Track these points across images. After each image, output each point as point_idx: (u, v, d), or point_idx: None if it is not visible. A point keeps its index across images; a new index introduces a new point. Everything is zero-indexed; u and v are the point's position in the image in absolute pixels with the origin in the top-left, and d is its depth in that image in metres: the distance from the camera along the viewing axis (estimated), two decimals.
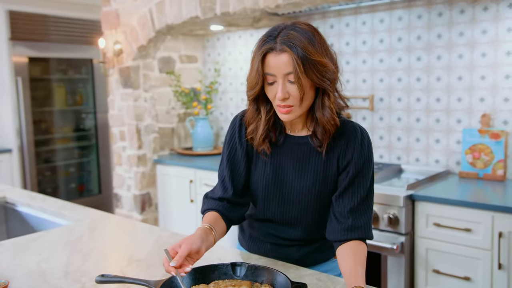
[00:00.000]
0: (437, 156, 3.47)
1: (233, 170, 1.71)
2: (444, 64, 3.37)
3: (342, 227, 1.57)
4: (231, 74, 4.80)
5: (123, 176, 4.72)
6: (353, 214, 1.58)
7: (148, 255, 1.86)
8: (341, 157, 1.61)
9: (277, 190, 1.67)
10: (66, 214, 2.50)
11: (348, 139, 1.61)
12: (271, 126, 1.66)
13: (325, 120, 1.55)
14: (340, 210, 1.60)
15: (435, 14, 3.38)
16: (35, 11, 5.64)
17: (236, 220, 1.72)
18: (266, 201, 1.69)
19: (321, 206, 1.66)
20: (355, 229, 1.57)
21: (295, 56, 1.46)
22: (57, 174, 6.20)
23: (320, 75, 1.49)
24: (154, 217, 4.69)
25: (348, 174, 1.61)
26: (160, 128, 4.70)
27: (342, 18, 3.86)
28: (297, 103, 1.52)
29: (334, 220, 1.61)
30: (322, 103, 1.55)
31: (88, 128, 6.44)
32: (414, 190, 2.92)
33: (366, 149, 1.62)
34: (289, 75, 1.49)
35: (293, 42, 1.47)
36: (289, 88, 1.50)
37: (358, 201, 1.59)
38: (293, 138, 1.67)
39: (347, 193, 1.60)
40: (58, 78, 6.17)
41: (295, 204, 1.66)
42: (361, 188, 1.60)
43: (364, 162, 1.61)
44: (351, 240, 1.56)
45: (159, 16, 4.07)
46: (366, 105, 3.77)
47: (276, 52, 1.49)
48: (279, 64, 1.49)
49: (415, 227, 2.87)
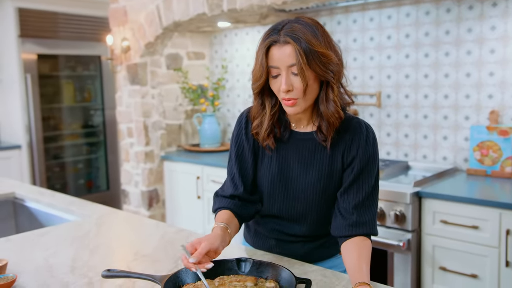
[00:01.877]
0: (445, 153, 3.46)
1: (242, 167, 1.73)
2: (452, 60, 3.36)
3: (346, 223, 1.58)
4: (238, 71, 4.80)
5: (131, 173, 4.75)
6: (357, 210, 1.59)
7: (154, 251, 1.88)
8: (346, 153, 1.62)
9: (282, 186, 1.68)
10: (74, 210, 2.52)
11: (353, 135, 1.62)
12: (276, 121, 1.66)
13: (330, 113, 1.55)
14: (345, 206, 1.61)
15: (443, 10, 3.37)
16: (44, 8, 5.67)
17: (247, 217, 1.73)
18: (272, 197, 1.70)
19: (326, 202, 1.66)
20: (360, 225, 1.57)
21: (298, 47, 1.47)
22: (65, 170, 6.24)
23: (324, 67, 1.50)
24: (161, 213, 4.71)
25: (353, 170, 1.61)
26: (167, 125, 4.72)
27: (349, 14, 3.85)
28: (300, 95, 1.52)
29: (338, 216, 1.61)
30: (326, 96, 1.56)
31: (96, 125, 6.46)
32: (421, 187, 2.92)
33: (371, 145, 1.62)
34: (292, 67, 1.50)
35: (296, 34, 1.48)
36: (292, 81, 1.51)
37: (363, 197, 1.60)
38: (298, 134, 1.68)
39: (352, 189, 1.61)
40: (66, 75, 6.20)
41: (300, 200, 1.67)
42: (366, 184, 1.61)
43: (369, 158, 1.61)
44: (355, 236, 1.57)
45: (166, 13, 4.08)
46: (374, 101, 3.77)
47: (280, 44, 1.50)
48: (282, 56, 1.50)
49: (422, 224, 2.87)
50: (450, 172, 3.31)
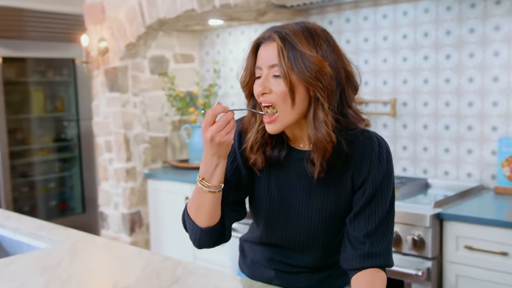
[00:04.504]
0: (469, 169, 3.48)
1: (230, 183, 1.71)
2: (477, 63, 3.39)
3: (357, 254, 1.58)
4: (232, 76, 4.83)
5: (110, 193, 4.76)
6: (370, 238, 1.58)
7: (137, 283, 1.88)
8: (356, 174, 1.61)
9: (283, 211, 1.68)
10: (45, 236, 2.52)
11: (363, 153, 1.61)
12: (268, 137, 1.66)
13: (319, 137, 1.53)
14: (355, 234, 1.60)
15: (467, 5, 3.39)
16: (9, 4, 5.68)
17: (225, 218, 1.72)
18: (271, 224, 1.71)
19: (333, 230, 1.66)
20: (373, 256, 1.57)
21: (281, 44, 1.50)
22: (35, 190, 6.24)
23: (311, 74, 1.49)
24: (145, 239, 4.72)
25: (364, 193, 1.61)
26: (151, 138, 4.73)
27: (359, 10, 3.89)
28: (279, 102, 1.53)
29: (348, 246, 1.61)
30: (314, 115, 1.54)
31: (70, 138, 6.47)
32: (442, 208, 2.93)
33: (385, 162, 1.62)
34: (273, 67, 1.52)
35: (285, 32, 1.51)
36: (272, 83, 1.53)
37: (375, 224, 1.59)
38: (298, 152, 1.67)
39: (363, 215, 1.60)
40: (35, 81, 6.22)
41: (304, 228, 1.67)
42: (379, 209, 1.60)
43: (382, 178, 1.61)
44: (368, 268, 1.57)
45: (150, 9, 4.10)
46: (387, 110, 3.79)
47: (266, 42, 1.55)
48: (265, 55, 1.54)
49: (443, 250, 2.88)
50: (476, 190, 3.32)
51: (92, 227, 6.28)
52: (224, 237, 1.73)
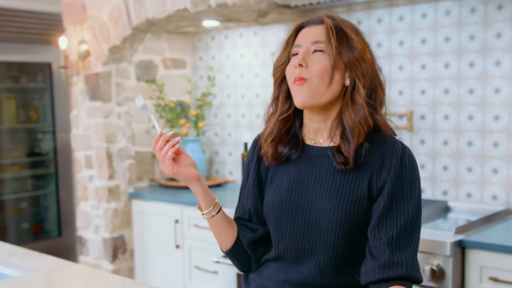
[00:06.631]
0: (495, 190, 3.48)
1: (247, 195, 1.89)
2: (504, 71, 3.40)
3: (377, 264, 1.59)
4: (229, 84, 4.84)
5: (90, 214, 4.75)
6: (391, 246, 1.60)
7: None
8: (375, 177, 1.65)
9: (291, 213, 1.73)
10: (16, 263, 2.53)
11: (384, 155, 1.66)
12: (284, 132, 1.78)
13: (357, 120, 1.64)
14: (376, 244, 1.62)
15: (493, 7, 3.41)
16: None
17: (245, 242, 1.88)
18: (279, 227, 1.76)
19: (346, 240, 1.67)
20: (393, 265, 1.58)
21: (330, 24, 1.65)
22: (5, 211, 6.22)
23: (354, 59, 1.65)
24: (129, 267, 4.71)
25: (383, 198, 1.64)
26: (137, 153, 4.74)
27: (372, 11, 3.90)
28: (316, 78, 1.64)
29: (369, 258, 1.63)
30: (352, 99, 1.66)
31: (45, 152, 6.47)
32: (464, 234, 2.93)
33: (407, 166, 1.65)
34: (317, 44, 1.66)
35: (333, 16, 1.70)
36: (311, 59, 1.66)
37: (397, 231, 1.61)
38: (315, 149, 1.75)
39: (384, 222, 1.63)
40: (6, 88, 6.21)
41: (312, 231, 1.70)
42: (401, 215, 1.62)
43: (403, 181, 1.64)
44: (389, 281, 1.57)
45: (137, 8, 4.12)
46: (404, 124, 3.80)
47: (311, 25, 1.71)
48: (309, 33, 1.69)
49: (465, 282, 2.88)
50: (502, 215, 3.32)
51: (69, 253, 6.26)
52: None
